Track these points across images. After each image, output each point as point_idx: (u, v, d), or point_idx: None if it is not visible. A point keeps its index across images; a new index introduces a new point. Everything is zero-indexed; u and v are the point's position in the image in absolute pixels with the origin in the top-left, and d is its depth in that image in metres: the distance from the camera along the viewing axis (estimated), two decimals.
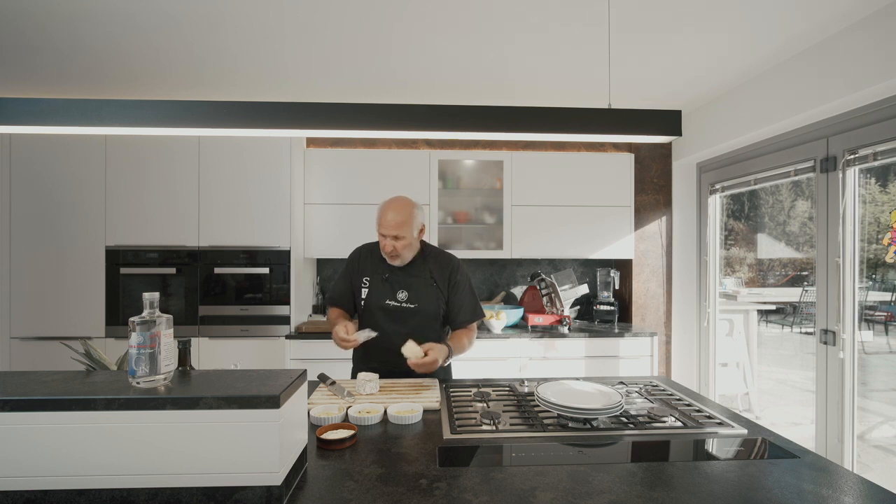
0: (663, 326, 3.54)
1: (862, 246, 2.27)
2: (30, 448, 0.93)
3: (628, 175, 3.38)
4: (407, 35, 2.17)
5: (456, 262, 1.96)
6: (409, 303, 1.86)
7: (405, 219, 1.78)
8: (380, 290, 1.88)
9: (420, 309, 1.86)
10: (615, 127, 1.50)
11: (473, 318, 1.93)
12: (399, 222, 1.77)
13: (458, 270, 1.94)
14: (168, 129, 1.44)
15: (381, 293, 1.87)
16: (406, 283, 1.88)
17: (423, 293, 1.87)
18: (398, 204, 1.81)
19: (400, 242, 1.79)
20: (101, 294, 2.97)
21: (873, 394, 2.77)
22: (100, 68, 2.55)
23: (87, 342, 1.43)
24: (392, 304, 1.86)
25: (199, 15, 2.00)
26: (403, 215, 1.78)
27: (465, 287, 1.93)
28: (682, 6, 1.91)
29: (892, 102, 2.02)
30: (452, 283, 1.91)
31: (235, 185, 3.03)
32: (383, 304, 1.86)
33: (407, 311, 1.86)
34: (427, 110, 1.46)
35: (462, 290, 1.92)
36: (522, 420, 1.41)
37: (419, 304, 1.86)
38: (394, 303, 1.86)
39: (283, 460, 0.98)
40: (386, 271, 1.90)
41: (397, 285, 1.88)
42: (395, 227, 1.77)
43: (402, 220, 1.78)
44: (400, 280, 1.88)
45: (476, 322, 1.95)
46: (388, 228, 1.78)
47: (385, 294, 1.87)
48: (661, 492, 1.00)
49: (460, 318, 1.91)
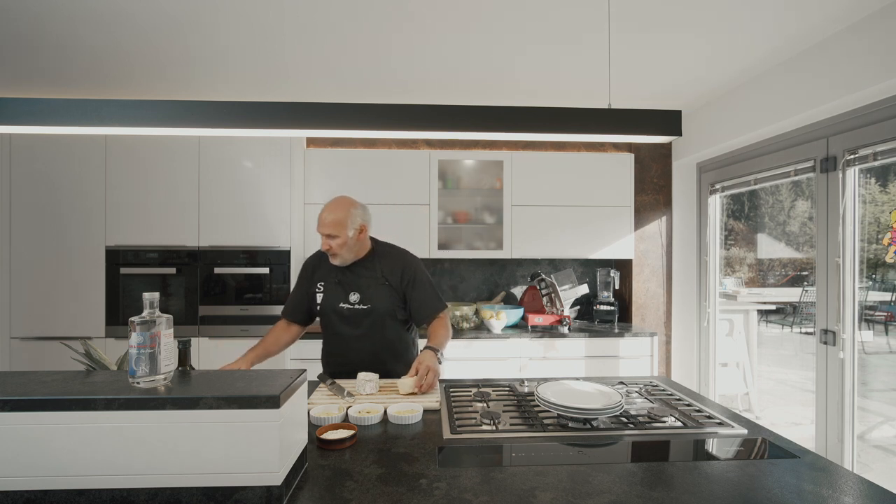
0: (663, 326, 3.54)
1: (862, 246, 2.27)
2: (30, 448, 0.93)
3: (628, 175, 3.38)
4: (406, 35, 2.17)
5: (408, 259, 1.94)
6: (361, 304, 1.85)
7: (340, 218, 1.77)
8: (333, 294, 1.88)
9: (373, 309, 1.85)
10: (615, 127, 1.50)
11: (436, 310, 1.90)
12: (333, 221, 1.77)
13: (411, 266, 1.91)
14: (168, 129, 1.44)
15: (335, 296, 1.88)
16: (357, 284, 1.87)
17: (375, 293, 1.86)
18: (334, 203, 1.82)
19: (335, 241, 1.78)
20: (101, 294, 2.97)
21: (873, 394, 2.77)
22: (100, 68, 2.55)
23: (87, 342, 1.43)
24: (345, 307, 1.86)
25: (198, 14, 2.00)
26: (338, 214, 1.78)
27: (422, 281, 1.90)
28: (682, 6, 1.91)
29: (891, 102, 2.02)
30: (407, 280, 1.89)
31: (235, 185, 3.03)
32: (337, 307, 1.87)
33: (360, 312, 1.85)
34: (427, 110, 1.46)
35: (419, 285, 1.89)
36: (522, 420, 1.41)
37: (372, 305, 1.85)
38: (347, 305, 1.86)
39: (283, 460, 0.98)
40: (338, 275, 1.89)
41: (349, 287, 1.87)
42: (329, 225, 1.77)
43: (337, 219, 1.77)
44: (351, 282, 1.87)
45: (444, 312, 1.93)
46: (323, 227, 1.78)
47: (338, 297, 1.87)
48: (661, 492, 1.00)
49: (423, 312, 1.89)
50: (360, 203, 1.87)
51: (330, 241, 1.79)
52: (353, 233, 1.81)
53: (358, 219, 1.82)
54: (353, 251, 1.84)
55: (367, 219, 1.87)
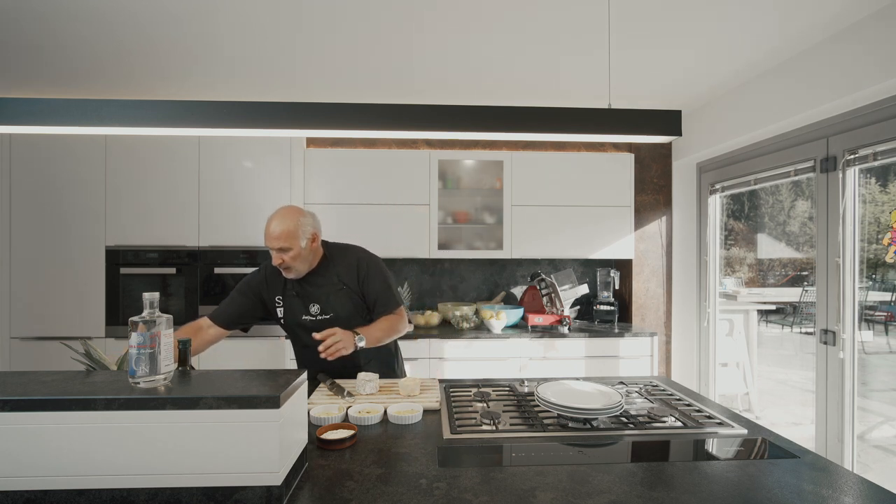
0: (663, 326, 3.54)
1: (862, 246, 2.27)
2: (30, 448, 0.93)
3: (628, 175, 3.38)
4: (406, 36, 2.17)
5: (361, 256, 1.87)
6: (322, 314, 1.79)
7: (290, 228, 1.68)
8: (293, 307, 1.81)
9: (336, 318, 1.78)
10: (615, 127, 1.50)
11: (390, 308, 1.83)
12: (283, 232, 1.67)
13: (364, 263, 1.84)
14: (168, 129, 1.44)
15: (295, 310, 1.81)
16: (315, 295, 1.80)
17: (335, 301, 1.80)
18: (281, 214, 1.72)
19: (288, 254, 1.70)
20: (101, 294, 2.97)
21: (873, 394, 2.77)
22: (100, 68, 2.55)
23: (87, 342, 1.43)
24: (308, 319, 1.80)
25: (199, 14, 2.00)
26: (287, 224, 1.68)
27: (375, 277, 1.83)
28: (681, 6, 1.91)
29: (891, 102, 2.02)
30: (361, 277, 1.82)
31: (235, 185, 3.03)
32: (300, 320, 1.81)
33: (324, 322, 1.78)
34: (427, 110, 1.46)
35: (372, 281, 1.82)
36: (522, 420, 1.41)
37: (334, 314, 1.79)
38: (309, 317, 1.80)
39: (283, 460, 0.98)
40: (294, 287, 1.81)
41: (308, 299, 1.80)
42: (279, 238, 1.67)
43: (287, 230, 1.68)
44: (309, 293, 1.80)
45: (396, 311, 1.85)
46: (273, 241, 1.68)
47: (299, 310, 1.81)
48: (661, 492, 1.00)
49: (376, 310, 1.84)
50: (307, 211, 1.79)
51: (282, 254, 1.70)
52: (306, 243, 1.73)
53: (309, 227, 1.74)
54: (307, 262, 1.76)
55: (317, 226, 1.80)
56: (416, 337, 3.00)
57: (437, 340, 3.02)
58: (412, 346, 2.99)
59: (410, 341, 2.99)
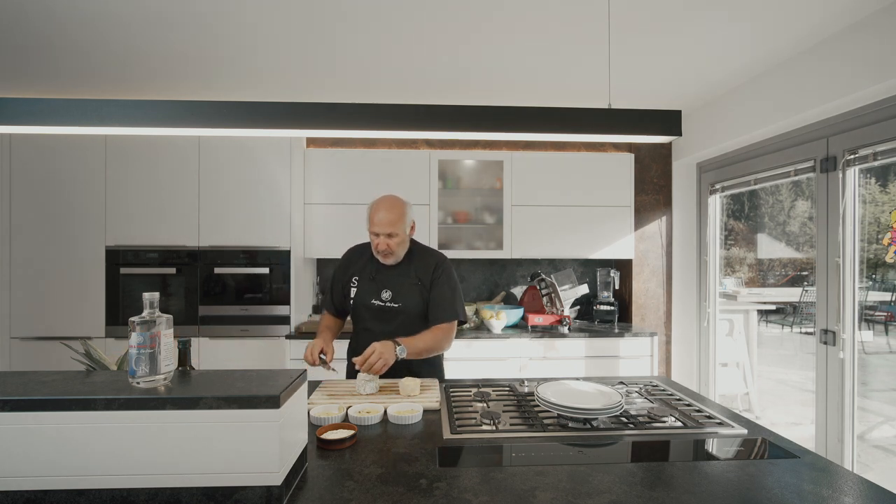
0: (663, 326, 3.54)
1: (862, 246, 2.27)
2: (30, 448, 0.93)
3: (628, 175, 3.38)
4: (405, 36, 2.17)
5: (440, 259, 1.94)
6: (392, 302, 1.87)
7: (398, 216, 1.80)
8: (366, 290, 1.90)
9: (403, 308, 1.86)
10: (615, 127, 1.49)
11: (445, 316, 1.86)
12: (392, 219, 1.79)
13: (441, 267, 1.91)
14: (168, 129, 1.44)
15: (368, 292, 1.89)
16: (390, 282, 1.88)
17: (407, 292, 1.87)
18: (389, 202, 1.83)
19: (394, 240, 1.81)
20: (101, 294, 2.97)
21: (873, 394, 2.77)
22: (101, 68, 2.54)
23: (87, 342, 1.43)
24: (377, 304, 1.87)
25: (198, 15, 2.00)
26: (396, 213, 1.80)
27: (446, 284, 1.89)
28: (681, 6, 1.91)
29: (892, 102, 2.02)
30: (434, 278, 1.89)
31: (235, 185, 3.03)
32: (369, 303, 1.88)
33: (391, 310, 1.86)
34: (427, 110, 1.46)
35: (441, 286, 1.88)
36: (522, 420, 1.41)
37: (402, 304, 1.86)
38: (378, 302, 1.87)
39: (283, 460, 0.98)
40: (373, 271, 1.91)
41: (382, 285, 1.89)
42: (388, 224, 1.79)
43: (395, 218, 1.79)
44: (385, 279, 1.89)
45: (450, 322, 1.87)
46: (382, 227, 1.79)
47: (371, 293, 1.89)
48: (661, 492, 1.00)
49: (432, 313, 1.87)
50: (407, 201, 1.90)
51: (389, 239, 1.81)
52: (408, 230, 1.86)
53: (411, 216, 1.88)
54: (405, 248, 1.89)
55: (414, 217, 1.92)
56: None
57: None
58: None
59: None
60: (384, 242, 1.81)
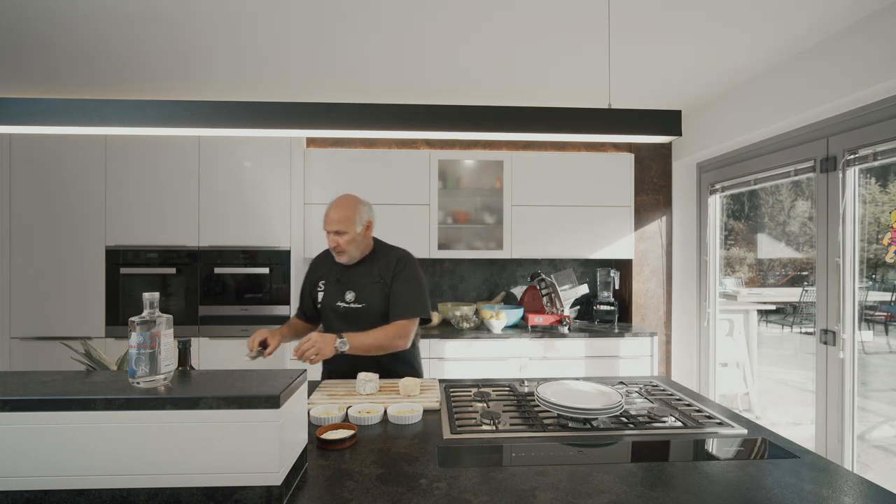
0: (663, 326, 3.54)
1: (862, 246, 2.27)
2: (30, 448, 0.93)
3: (628, 175, 3.38)
4: (405, 35, 2.17)
5: (401, 256, 1.92)
6: (356, 303, 1.85)
7: (347, 215, 1.79)
8: (332, 292, 1.90)
9: (367, 309, 1.84)
10: (615, 127, 1.49)
11: (401, 313, 1.80)
12: (340, 217, 1.79)
13: (402, 263, 1.88)
14: (168, 129, 1.44)
15: (333, 295, 1.89)
16: (353, 283, 1.88)
17: (369, 292, 1.85)
18: (341, 201, 1.84)
19: (343, 238, 1.80)
20: (101, 294, 2.97)
21: (873, 394, 2.77)
22: (101, 69, 2.55)
23: (87, 342, 1.43)
24: (342, 306, 1.87)
25: (197, 14, 2.00)
26: (345, 211, 1.80)
27: (406, 281, 1.85)
28: (681, 6, 1.91)
29: (892, 102, 2.02)
30: (395, 276, 1.86)
31: (235, 185, 3.03)
32: (334, 305, 1.88)
33: (355, 311, 1.85)
34: (427, 110, 1.46)
35: (400, 282, 1.85)
36: (522, 420, 1.41)
37: (366, 304, 1.85)
38: (343, 304, 1.87)
39: (283, 460, 0.98)
40: (339, 273, 1.91)
41: (346, 286, 1.88)
42: (337, 222, 1.79)
43: (344, 216, 1.79)
44: (348, 280, 1.89)
45: (407, 319, 1.80)
46: (331, 224, 1.80)
47: (336, 295, 1.88)
48: (661, 492, 1.00)
49: (391, 310, 1.83)
50: (364, 201, 1.89)
51: (338, 237, 1.80)
52: (361, 229, 1.84)
53: (365, 215, 1.86)
54: (359, 248, 1.87)
55: (372, 216, 1.90)
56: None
57: (438, 340, 3.02)
58: None
59: None
60: (334, 240, 1.81)
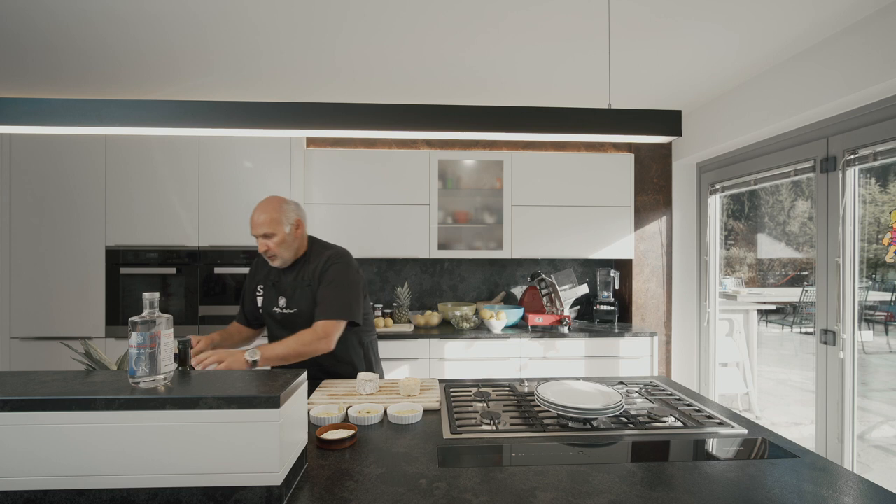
0: (663, 326, 3.54)
1: (862, 246, 2.27)
2: (30, 448, 0.93)
3: (628, 175, 3.38)
4: (405, 35, 2.17)
5: (330, 255, 1.81)
6: (287, 308, 1.80)
7: (273, 215, 1.73)
8: (269, 298, 1.85)
9: (299, 314, 1.78)
10: (615, 127, 1.49)
11: (321, 315, 1.70)
12: (264, 220, 1.72)
13: (328, 263, 1.78)
14: (168, 129, 1.44)
15: (270, 300, 1.84)
16: (285, 288, 1.82)
17: (300, 297, 1.79)
18: (264, 203, 1.77)
19: (272, 240, 1.73)
20: (101, 294, 2.97)
21: (873, 394, 2.77)
22: (101, 69, 2.55)
23: (87, 342, 1.43)
24: (278, 311, 1.82)
25: (198, 14, 2.00)
26: (270, 212, 1.73)
27: (330, 281, 1.75)
28: (682, 6, 1.91)
29: (892, 102, 2.02)
30: (321, 277, 1.77)
31: (235, 185, 3.03)
32: (271, 311, 1.83)
33: (289, 317, 1.79)
34: (427, 110, 1.46)
35: (324, 284, 1.75)
36: (522, 420, 1.41)
37: (297, 309, 1.78)
38: (278, 309, 1.82)
39: (283, 460, 0.98)
40: (274, 277, 1.85)
41: (279, 291, 1.82)
42: (263, 224, 1.72)
43: (270, 217, 1.73)
44: (282, 286, 1.83)
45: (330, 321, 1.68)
46: (256, 228, 1.73)
47: (272, 301, 1.83)
48: (661, 492, 1.00)
49: (316, 312, 1.72)
50: (291, 200, 1.83)
51: (267, 240, 1.74)
52: (290, 229, 1.77)
53: (292, 214, 1.78)
54: (291, 249, 1.79)
55: (301, 215, 1.82)
56: (416, 337, 3.00)
57: (437, 340, 3.02)
58: (412, 345, 2.99)
59: (410, 341, 2.99)
60: (263, 244, 1.74)
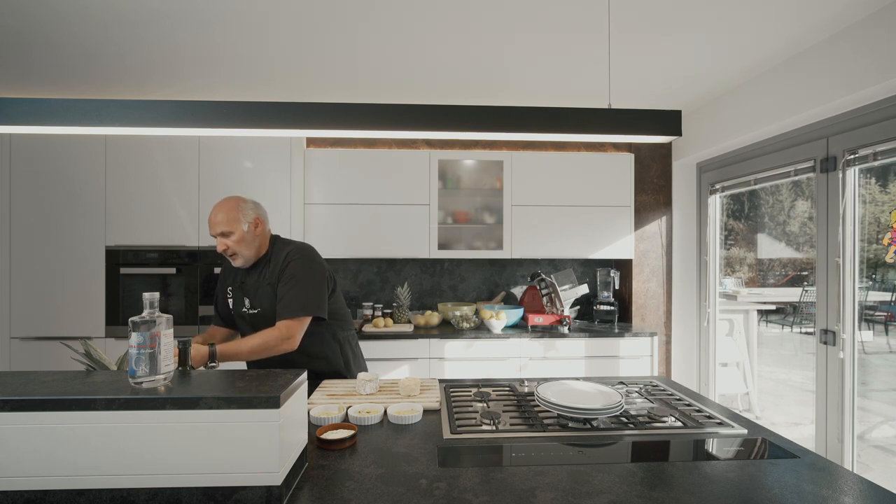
0: (663, 326, 3.54)
1: (862, 246, 2.27)
2: (30, 448, 0.93)
3: (628, 175, 3.38)
4: (406, 35, 2.17)
5: (289, 251, 1.78)
6: (252, 309, 1.78)
7: (231, 214, 1.72)
8: (236, 299, 1.84)
9: (263, 314, 1.76)
10: (615, 127, 1.49)
11: (282, 313, 1.68)
12: (222, 219, 1.71)
13: (287, 260, 1.75)
14: (168, 129, 1.44)
15: (238, 302, 1.83)
16: (249, 288, 1.80)
17: (262, 297, 1.77)
18: (221, 202, 1.76)
19: (231, 239, 1.71)
20: (101, 294, 2.97)
21: (873, 394, 2.77)
22: (101, 69, 2.54)
23: (87, 342, 1.43)
24: (246, 312, 1.80)
25: (197, 13, 2.00)
26: (227, 211, 1.72)
27: (290, 278, 1.72)
28: (682, 6, 1.91)
29: (892, 102, 2.02)
30: (281, 275, 1.74)
31: (235, 185, 3.03)
32: (241, 312, 1.82)
33: (254, 317, 1.78)
34: (427, 110, 1.46)
35: (284, 280, 1.72)
36: (522, 420, 1.41)
37: (261, 309, 1.77)
38: (245, 310, 1.80)
39: (283, 460, 0.98)
40: (241, 278, 1.83)
41: (245, 292, 1.81)
42: (220, 224, 1.70)
43: (228, 216, 1.71)
44: (247, 286, 1.81)
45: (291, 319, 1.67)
46: (215, 227, 1.71)
47: (240, 302, 1.82)
48: (661, 492, 1.00)
49: (277, 311, 1.70)
50: (251, 199, 1.81)
51: (226, 239, 1.71)
52: (248, 226, 1.74)
53: (250, 212, 1.76)
54: (252, 248, 1.76)
55: (261, 213, 1.80)
56: (417, 337, 3.00)
57: (437, 340, 3.02)
58: (412, 345, 2.99)
59: (410, 341, 2.99)
60: (222, 243, 1.72)
